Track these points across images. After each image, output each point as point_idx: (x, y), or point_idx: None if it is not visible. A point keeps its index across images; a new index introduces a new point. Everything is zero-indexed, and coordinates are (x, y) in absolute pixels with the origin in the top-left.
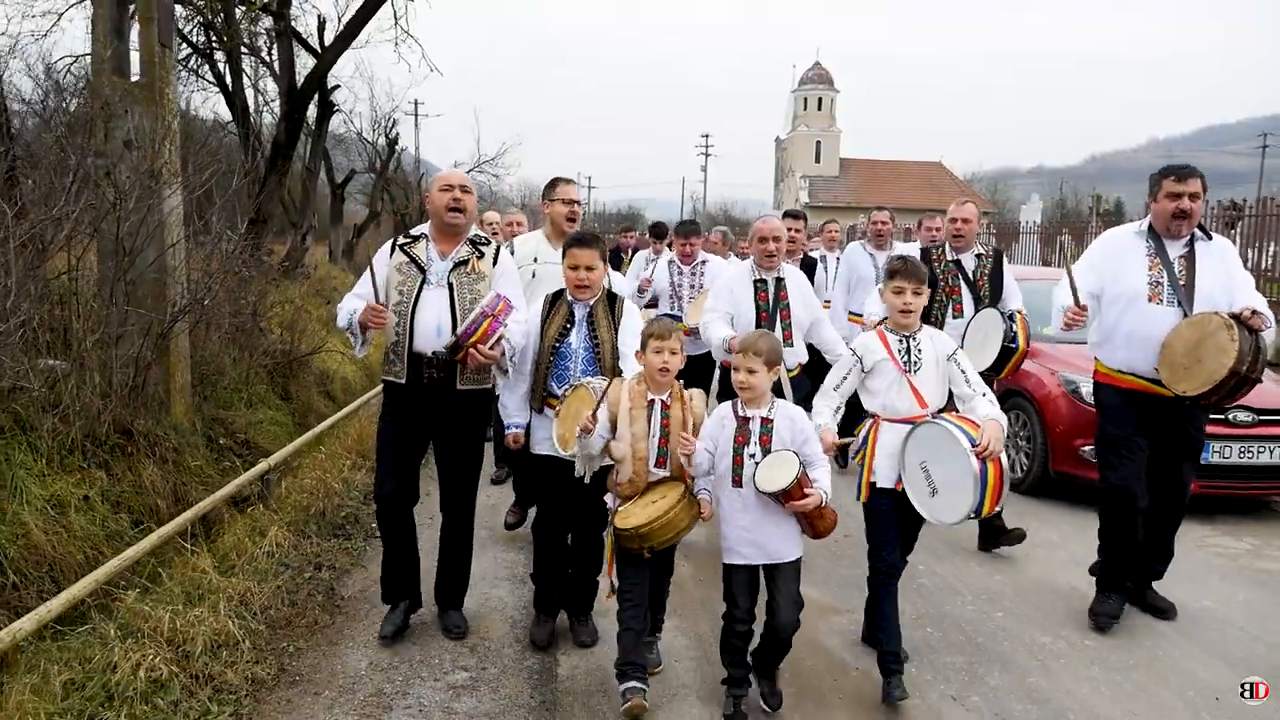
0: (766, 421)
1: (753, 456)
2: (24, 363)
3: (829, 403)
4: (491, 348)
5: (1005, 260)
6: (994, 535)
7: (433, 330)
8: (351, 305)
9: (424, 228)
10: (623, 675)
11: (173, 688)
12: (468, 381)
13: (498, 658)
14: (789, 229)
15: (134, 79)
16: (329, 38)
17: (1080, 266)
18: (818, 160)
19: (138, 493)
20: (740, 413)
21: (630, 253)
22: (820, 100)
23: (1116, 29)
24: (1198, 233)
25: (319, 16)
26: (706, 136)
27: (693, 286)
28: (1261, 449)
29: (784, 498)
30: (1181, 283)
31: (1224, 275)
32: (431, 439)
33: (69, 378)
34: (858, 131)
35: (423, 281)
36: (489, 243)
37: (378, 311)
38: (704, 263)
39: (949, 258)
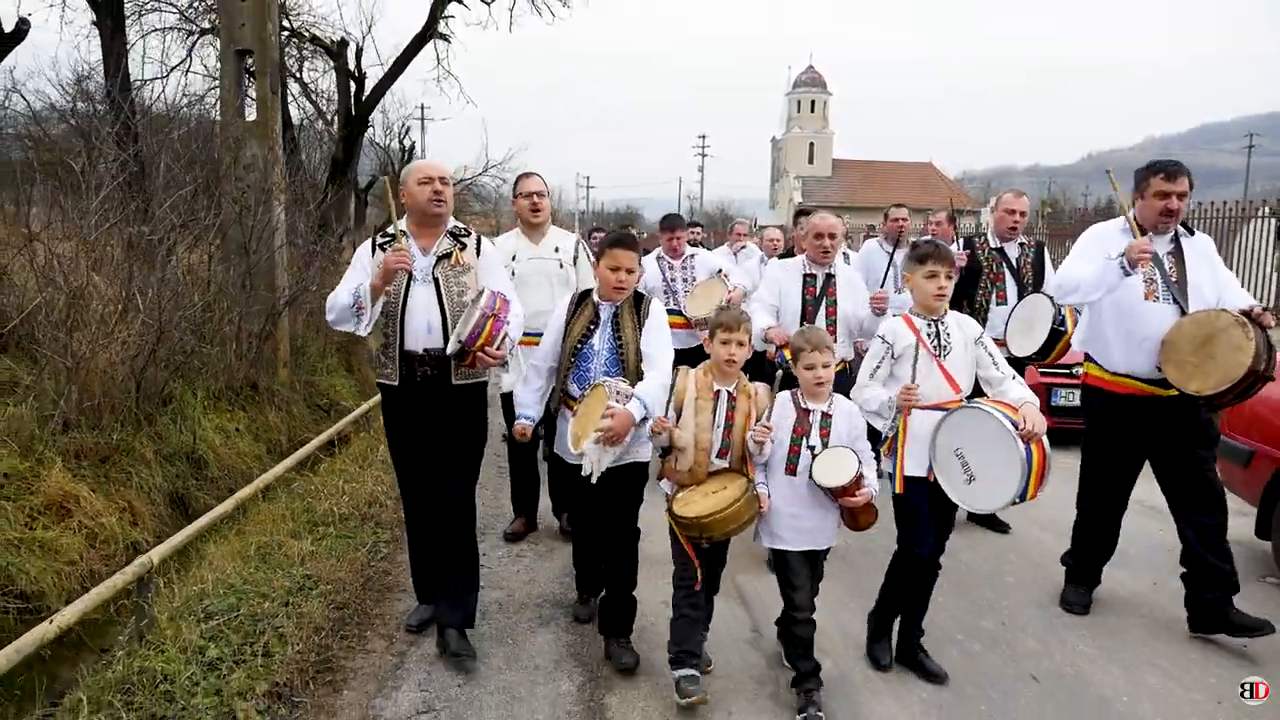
0: (826, 416)
1: (811, 448)
2: (187, 336)
3: (875, 392)
4: (498, 348)
5: (1045, 250)
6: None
7: (423, 328)
8: (349, 285)
9: (401, 224)
10: (677, 662)
11: (352, 519)
12: (462, 376)
13: (543, 534)
14: None
15: (249, 118)
16: (364, 62)
17: (1069, 264)
18: (811, 161)
19: (266, 430)
20: (802, 404)
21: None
22: (813, 103)
23: (1113, 29)
24: (1180, 229)
25: (357, 45)
26: (703, 137)
27: (684, 280)
28: None
29: (839, 492)
30: (1174, 279)
31: (1210, 271)
32: (431, 439)
33: (209, 345)
34: (855, 134)
35: (409, 279)
36: (469, 233)
37: (401, 252)
38: (692, 256)
39: (993, 245)
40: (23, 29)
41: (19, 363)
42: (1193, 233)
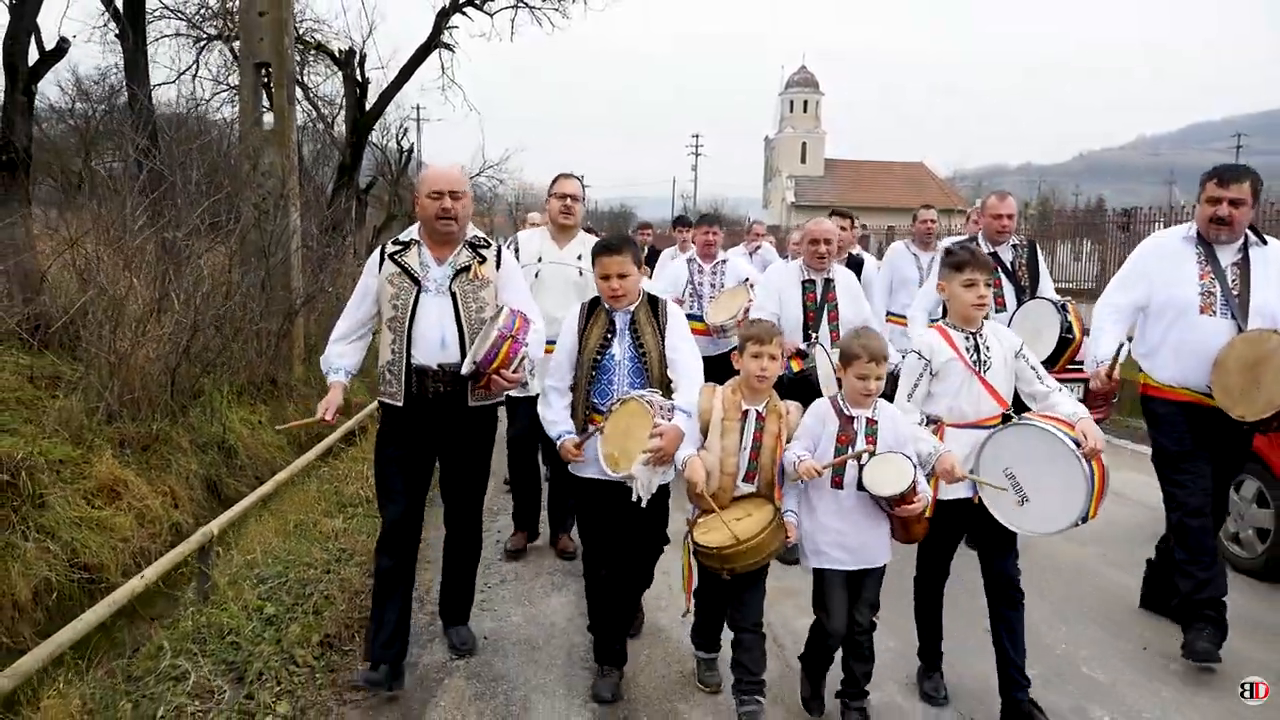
0: (871, 422)
1: (858, 457)
2: (213, 335)
3: (917, 419)
4: (515, 371)
5: (1038, 248)
6: None
7: (436, 342)
8: (336, 356)
9: (414, 232)
10: (699, 646)
11: (375, 503)
12: (479, 398)
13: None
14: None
15: (267, 128)
16: (366, 66)
17: (1122, 276)
18: (804, 161)
19: (285, 422)
20: (845, 411)
21: (646, 251)
22: (806, 103)
23: (1106, 29)
24: (1252, 237)
25: (360, 53)
26: (697, 137)
27: (713, 286)
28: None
29: (895, 501)
30: (1235, 293)
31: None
32: (438, 458)
33: (232, 344)
34: (848, 133)
35: (419, 291)
36: (489, 244)
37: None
38: (724, 261)
39: (986, 250)
40: (63, 47)
41: (61, 358)
42: (1265, 242)
